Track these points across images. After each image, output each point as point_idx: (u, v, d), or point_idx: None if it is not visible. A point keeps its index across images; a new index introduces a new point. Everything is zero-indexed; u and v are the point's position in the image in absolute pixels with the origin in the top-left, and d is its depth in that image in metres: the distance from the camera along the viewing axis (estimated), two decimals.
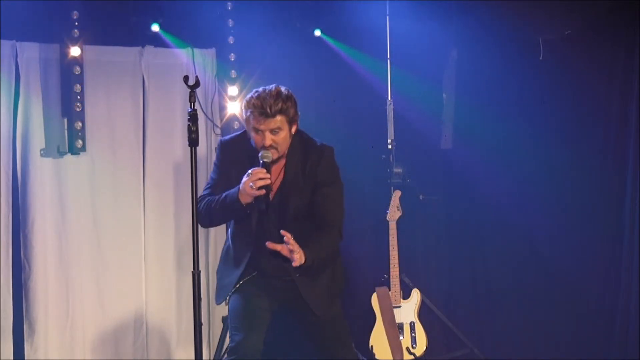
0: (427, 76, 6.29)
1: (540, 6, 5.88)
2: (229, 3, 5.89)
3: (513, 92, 6.23)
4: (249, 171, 4.02)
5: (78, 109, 5.52)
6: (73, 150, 5.55)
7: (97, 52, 5.69)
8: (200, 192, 5.80)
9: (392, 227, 5.73)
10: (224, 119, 5.99)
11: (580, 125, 6.09)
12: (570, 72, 6.08)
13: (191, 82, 4.00)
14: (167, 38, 5.82)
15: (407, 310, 5.73)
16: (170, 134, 5.96)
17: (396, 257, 5.70)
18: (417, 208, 6.17)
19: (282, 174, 4.21)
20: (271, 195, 4.12)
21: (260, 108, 4.03)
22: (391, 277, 5.73)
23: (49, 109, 5.57)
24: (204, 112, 5.95)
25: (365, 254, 6.23)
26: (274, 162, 4.10)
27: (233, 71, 5.95)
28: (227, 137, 4.40)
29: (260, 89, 4.10)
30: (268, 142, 4.05)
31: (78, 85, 5.52)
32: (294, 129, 4.16)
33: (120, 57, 5.83)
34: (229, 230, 4.36)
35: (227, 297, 4.31)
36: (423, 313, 5.82)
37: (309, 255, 4.01)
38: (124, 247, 5.83)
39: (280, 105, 4.04)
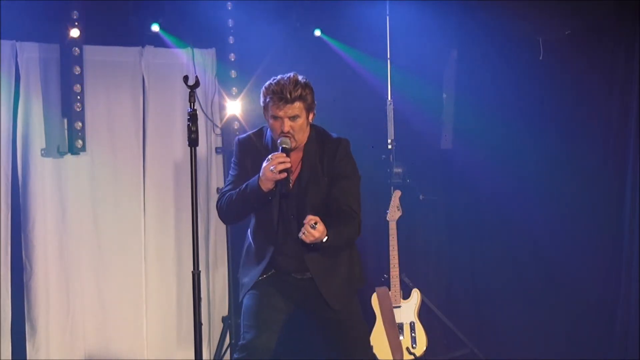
0: (427, 76, 6.29)
1: (540, 6, 5.88)
2: (229, 3, 5.89)
3: (513, 92, 6.23)
4: (269, 156, 4.05)
5: (78, 109, 5.52)
6: (73, 150, 5.55)
7: (97, 52, 5.69)
8: (201, 193, 5.83)
9: (392, 227, 5.73)
10: (224, 119, 5.99)
11: (580, 125, 6.09)
12: (570, 72, 6.08)
13: (191, 82, 4.00)
14: (167, 38, 5.82)
15: (407, 310, 5.73)
16: (170, 134, 5.96)
17: (396, 257, 5.71)
18: (417, 208, 6.17)
19: (299, 166, 4.23)
20: (290, 186, 4.14)
21: (280, 94, 4.10)
22: (391, 277, 5.73)
23: (49, 109, 5.57)
24: (204, 112, 5.95)
25: (365, 254, 6.22)
26: (291, 150, 4.12)
27: (233, 71, 5.95)
28: (244, 134, 4.43)
29: (279, 77, 4.16)
30: (287, 128, 4.10)
31: (78, 85, 5.52)
32: (311, 117, 4.22)
33: (120, 57, 5.83)
34: (250, 228, 4.35)
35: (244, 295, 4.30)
36: (423, 313, 5.82)
37: (329, 234, 4.01)
38: (124, 247, 5.83)
39: (299, 91, 4.10)
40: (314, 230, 3.94)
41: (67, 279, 5.65)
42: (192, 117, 3.98)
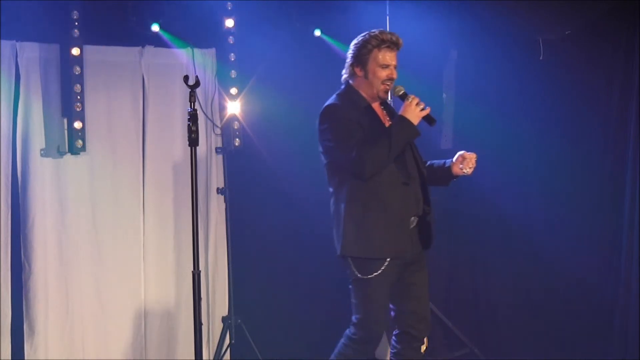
0: (427, 76, 6.29)
1: (540, 6, 5.88)
2: (229, 3, 5.89)
3: (513, 92, 6.24)
4: (409, 100, 4.35)
5: (78, 109, 5.52)
6: (73, 150, 5.54)
7: (97, 52, 5.69)
8: (201, 193, 5.82)
9: None
10: (224, 119, 5.99)
11: (580, 125, 6.09)
12: (570, 72, 6.08)
13: (191, 82, 4.01)
14: (167, 38, 5.81)
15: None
16: (170, 134, 5.96)
17: None
18: None
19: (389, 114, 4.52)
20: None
21: (395, 42, 4.38)
22: None
23: (49, 109, 5.56)
24: (204, 112, 5.95)
25: None
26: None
27: (233, 71, 5.95)
28: (330, 103, 4.47)
29: (375, 30, 4.41)
30: (395, 74, 4.41)
31: (78, 85, 5.51)
32: None
33: (120, 57, 5.83)
34: (371, 195, 4.33)
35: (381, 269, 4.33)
36: None
37: None
38: (124, 247, 5.83)
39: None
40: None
41: (66, 278, 5.64)
42: (192, 117, 3.99)
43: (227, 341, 5.88)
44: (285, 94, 6.03)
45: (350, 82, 4.50)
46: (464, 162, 4.52)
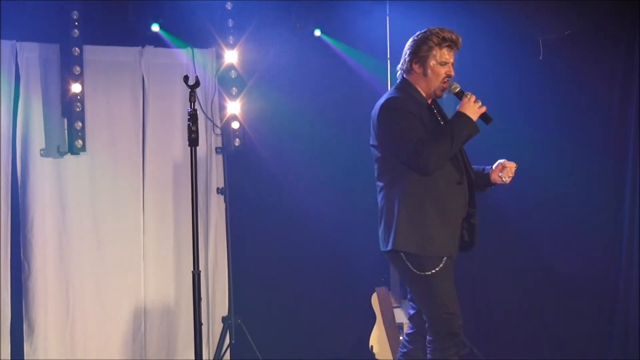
0: None
1: (540, 6, 5.89)
2: (229, 3, 5.89)
3: (513, 92, 6.23)
4: (467, 97, 4.31)
5: (78, 109, 5.52)
6: (73, 150, 5.55)
7: (97, 52, 5.69)
8: (201, 193, 5.82)
9: None
10: (224, 119, 5.99)
11: (580, 125, 6.09)
12: (570, 72, 6.08)
13: (191, 82, 4.01)
14: (167, 38, 5.81)
15: (407, 310, 5.72)
16: (170, 134, 5.96)
17: None
18: None
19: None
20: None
21: (455, 41, 4.34)
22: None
23: (49, 109, 5.56)
24: (204, 112, 5.95)
25: (365, 254, 6.22)
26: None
27: (233, 71, 5.95)
28: (392, 96, 4.41)
29: (436, 27, 4.35)
30: (453, 72, 4.36)
31: (78, 85, 5.51)
32: None
33: (120, 57, 5.83)
34: (429, 192, 4.26)
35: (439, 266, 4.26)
36: None
37: None
38: (124, 247, 5.83)
39: None
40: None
41: (66, 278, 5.65)
42: (192, 117, 3.99)
43: (227, 341, 5.88)
44: (285, 94, 6.03)
45: (406, 76, 4.44)
46: (504, 170, 4.46)
